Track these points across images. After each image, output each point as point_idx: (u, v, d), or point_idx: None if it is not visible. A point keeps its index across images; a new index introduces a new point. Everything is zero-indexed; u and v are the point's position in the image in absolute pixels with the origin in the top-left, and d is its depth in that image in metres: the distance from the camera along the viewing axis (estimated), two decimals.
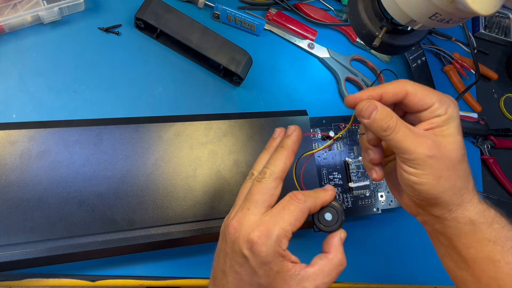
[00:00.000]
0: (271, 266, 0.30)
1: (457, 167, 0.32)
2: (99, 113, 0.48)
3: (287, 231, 0.30)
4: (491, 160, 0.69)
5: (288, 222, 0.30)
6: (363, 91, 0.34)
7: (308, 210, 0.32)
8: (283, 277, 0.30)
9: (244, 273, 0.30)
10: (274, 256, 0.30)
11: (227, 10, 0.57)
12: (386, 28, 0.39)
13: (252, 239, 0.30)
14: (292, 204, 0.31)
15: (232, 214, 0.33)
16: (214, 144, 0.47)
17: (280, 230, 0.30)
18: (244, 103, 0.56)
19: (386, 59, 0.67)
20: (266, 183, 0.32)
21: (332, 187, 0.35)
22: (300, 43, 0.62)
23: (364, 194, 0.55)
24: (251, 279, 0.30)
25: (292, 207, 0.31)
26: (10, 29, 0.47)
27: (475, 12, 0.28)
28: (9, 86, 0.46)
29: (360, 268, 0.55)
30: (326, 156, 0.54)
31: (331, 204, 0.34)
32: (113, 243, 0.41)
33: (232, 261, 0.31)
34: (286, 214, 0.31)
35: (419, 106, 0.33)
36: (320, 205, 0.34)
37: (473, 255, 0.33)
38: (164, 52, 0.54)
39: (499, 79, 0.76)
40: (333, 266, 0.32)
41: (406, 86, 0.33)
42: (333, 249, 0.33)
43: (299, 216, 0.31)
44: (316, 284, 0.31)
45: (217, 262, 0.33)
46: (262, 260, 0.30)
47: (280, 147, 0.35)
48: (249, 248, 0.30)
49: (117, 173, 0.43)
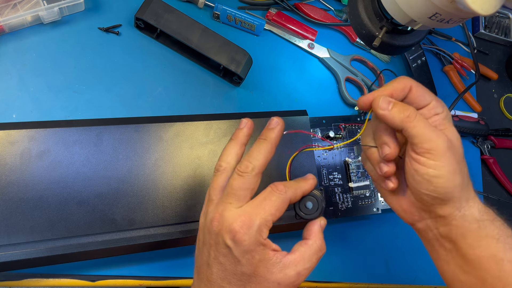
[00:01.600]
0: (253, 254, 0.31)
1: (463, 163, 0.33)
2: (99, 113, 0.48)
3: (268, 221, 0.31)
4: (491, 160, 0.69)
5: (269, 212, 0.31)
6: (373, 92, 0.34)
7: (289, 200, 0.33)
8: (265, 265, 0.31)
9: (228, 263, 0.31)
10: (255, 245, 0.31)
11: (227, 10, 0.57)
12: (386, 28, 0.39)
13: (235, 228, 0.30)
14: (273, 195, 0.32)
15: (211, 208, 0.33)
16: (214, 144, 0.47)
17: (262, 220, 0.31)
18: (244, 103, 0.56)
19: (386, 59, 0.67)
20: (248, 178, 0.32)
21: (313, 176, 0.35)
22: (300, 43, 0.62)
23: (364, 194, 0.55)
24: (234, 268, 0.31)
25: (274, 198, 0.32)
26: (10, 29, 0.47)
27: (475, 12, 0.28)
28: (9, 86, 0.46)
29: (360, 268, 0.55)
30: (326, 156, 0.54)
31: (312, 193, 0.35)
32: (113, 243, 0.41)
33: (216, 253, 0.32)
34: (267, 204, 0.32)
35: (419, 101, 0.34)
36: (300, 195, 0.34)
37: (478, 255, 0.33)
38: (164, 52, 0.54)
39: (499, 79, 0.76)
40: (313, 252, 0.33)
41: (410, 82, 0.34)
42: (313, 235, 0.34)
43: (280, 206, 0.32)
44: (298, 270, 0.32)
45: (201, 256, 0.34)
46: (244, 249, 0.31)
47: (262, 140, 0.34)
48: (231, 238, 0.31)
49: (117, 173, 0.43)
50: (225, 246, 0.31)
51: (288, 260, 0.32)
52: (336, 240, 0.55)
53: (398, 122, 0.32)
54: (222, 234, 0.31)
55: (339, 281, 0.53)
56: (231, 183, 0.33)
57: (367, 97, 0.34)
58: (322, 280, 0.53)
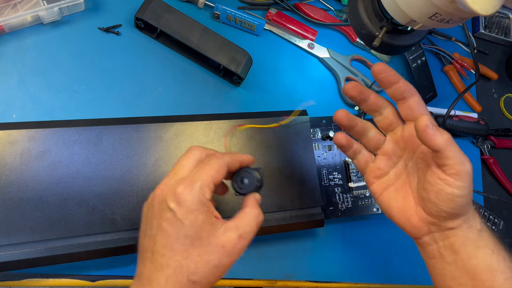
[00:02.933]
0: (196, 214, 0.31)
1: None
2: (99, 113, 0.48)
3: (209, 182, 0.32)
4: (491, 160, 0.69)
5: (209, 174, 0.33)
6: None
7: (227, 164, 0.35)
8: (208, 227, 0.32)
9: (171, 227, 0.31)
10: (199, 204, 0.32)
11: (227, 10, 0.57)
12: (386, 28, 0.39)
13: (178, 191, 0.31)
14: (212, 160, 0.34)
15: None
16: (214, 144, 0.47)
17: (203, 181, 0.32)
18: (244, 103, 0.56)
19: (386, 59, 0.67)
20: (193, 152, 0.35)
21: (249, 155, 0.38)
22: (300, 43, 0.62)
23: (364, 194, 0.55)
24: (178, 232, 0.31)
25: (212, 162, 0.34)
26: (10, 29, 0.47)
27: (475, 12, 0.28)
28: (9, 86, 0.46)
29: (360, 268, 0.55)
30: (326, 156, 0.54)
31: (249, 170, 0.37)
32: (113, 243, 0.41)
33: (159, 220, 0.32)
34: (207, 168, 0.33)
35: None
36: (238, 163, 0.36)
37: (475, 265, 0.35)
38: (164, 52, 0.54)
39: (499, 79, 0.76)
40: (251, 217, 0.34)
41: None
42: (249, 205, 0.36)
43: (219, 169, 0.34)
44: (239, 233, 0.33)
45: (143, 235, 0.34)
46: (188, 209, 0.31)
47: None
48: (175, 200, 0.31)
49: (117, 173, 0.43)
50: (168, 210, 0.31)
51: (229, 225, 0.33)
52: (336, 240, 0.55)
53: (439, 144, 0.33)
54: (165, 199, 0.32)
55: (339, 281, 0.53)
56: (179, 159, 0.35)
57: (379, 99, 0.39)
58: (322, 280, 0.53)
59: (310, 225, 0.49)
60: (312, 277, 0.52)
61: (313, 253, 0.53)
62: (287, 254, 0.52)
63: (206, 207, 0.32)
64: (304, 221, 0.48)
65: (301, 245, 0.53)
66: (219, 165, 0.34)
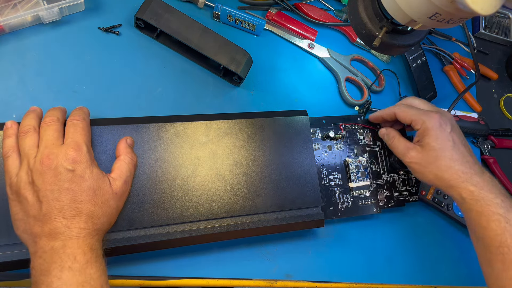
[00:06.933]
0: (91, 169, 0.38)
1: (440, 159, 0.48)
2: (99, 113, 0.48)
3: (88, 141, 0.40)
4: (491, 160, 0.69)
5: (85, 136, 0.39)
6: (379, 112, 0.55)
7: (88, 124, 0.41)
8: (101, 178, 0.38)
9: (74, 185, 0.36)
10: (91, 160, 0.38)
11: (227, 10, 0.57)
12: (386, 28, 0.39)
13: (71, 154, 0.37)
14: (76, 125, 0.39)
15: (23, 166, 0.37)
16: (214, 144, 0.47)
17: (84, 142, 0.39)
18: (244, 103, 0.56)
19: (386, 59, 0.67)
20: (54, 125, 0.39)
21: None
22: (300, 43, 0.62)
23: (364, 194, 0.55)
24: (81, 186, 0.37)
25: (80, 125, 0.40)
26: (10, 29, 0.47)
27: (475, 12, 0.28)
28: (9, 86, 0.46)
29: (360, 268, 0.55)
30: (326, 156, 0.54)
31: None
32: (114, 243, 0.41)
33: (58, 183, 0.36)
34: (78, 130, 0.39)
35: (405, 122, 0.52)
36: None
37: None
38: (164, 52, 0.54)
39: (499, 79, 0.76)
40: (127, 162, 0.41)
41: (394, 109, 0.53)
42: (122, 151, 0.42)
43: (87, 128, 0.40)
44: (124, 179, 0.40)
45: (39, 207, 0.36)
46: (84, 166, 0.37)
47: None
48: (71, 162, 0.37)
49: None
50: (67, 172, 0.36)
51: (113, 177, 0.40)
52: (336, 240, 0.55)
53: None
54: (61, 164, 0.36)
55: (339, 281, 0.53)
56: (43, 134, 0.38)
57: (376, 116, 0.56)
58: (322, 280, 0.53)
59: (310, 225, 0.49)
60: (312, 277, 0.52)
61: (313, 253, 0.53)
62: (287, 254, 0.52)
63: (95, 162, 0.39)
64: (304, 221, 0.48)
65: (301, 245, 0.53)
66: (86, 125, 0.40)
